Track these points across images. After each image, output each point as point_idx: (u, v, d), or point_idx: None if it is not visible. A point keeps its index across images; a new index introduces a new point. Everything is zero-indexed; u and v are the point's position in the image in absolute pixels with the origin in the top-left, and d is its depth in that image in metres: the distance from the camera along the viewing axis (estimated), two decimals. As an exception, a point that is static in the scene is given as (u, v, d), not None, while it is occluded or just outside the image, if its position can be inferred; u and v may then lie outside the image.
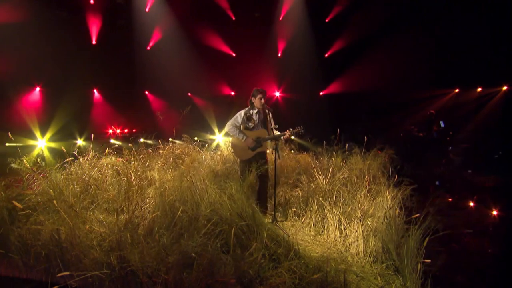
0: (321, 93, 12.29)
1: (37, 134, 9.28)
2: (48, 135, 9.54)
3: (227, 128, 4.36)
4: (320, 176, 4.15)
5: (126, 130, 11.99)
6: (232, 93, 13.03)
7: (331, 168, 4.17)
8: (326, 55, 11.89)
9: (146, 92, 12.54)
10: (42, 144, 8.97)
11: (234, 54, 12.53)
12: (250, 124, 4.33)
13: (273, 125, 4.44)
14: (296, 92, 12.22)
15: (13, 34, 8.86)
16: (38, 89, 10.42)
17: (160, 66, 11.68)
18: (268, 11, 11.67)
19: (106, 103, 11.65)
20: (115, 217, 3.15)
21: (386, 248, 3.07)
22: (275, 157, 4.03)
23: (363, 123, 10.30)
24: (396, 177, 4.36)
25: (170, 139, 6.29)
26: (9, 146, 8.62)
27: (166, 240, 2.76)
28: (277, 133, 4.27)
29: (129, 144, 6.01)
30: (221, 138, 8.14)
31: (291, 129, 4.19)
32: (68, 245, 2.71)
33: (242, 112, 4.38)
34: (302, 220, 3.95)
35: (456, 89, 10.81)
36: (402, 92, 9.89)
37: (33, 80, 10.26)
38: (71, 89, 10.45)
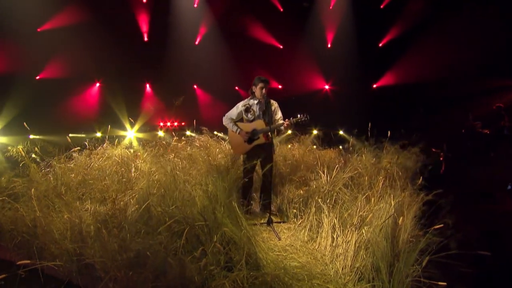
0: (374, 86, 11.26)
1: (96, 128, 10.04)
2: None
3: (223, 120, 4.13)
4: (323, 175, 3.68)
5: (175, 123, 12.48)
6: (280, 86, 12.67)
7: (336, 166, 3.66)
8: (380, 45, 10.82)
9: (195, 86, 12.86)
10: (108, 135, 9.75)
11: (281, 46, 12.15)
12: (249, 115, 4.04)
13: (278, 116, 4.09)
14: (347, 85, 11.34)
15: (76, 35, 9.76)
16: (98, 84, 11.41)
17: (207, 61, 11.87)
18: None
19: (156, 97, 12.24)
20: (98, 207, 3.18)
21: (376, 265, 2.55)
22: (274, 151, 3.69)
23: (420, 118, 9.16)
24: (421, 179, 3.69)
25: (188, 132, 6.27)
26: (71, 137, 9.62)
27: (128, 236, 2.65)
28: (280, 122, 3.94)
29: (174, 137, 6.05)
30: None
31: (292, 118, 3.81)
32: (40, 233, 2.77)
33: (240, 103, 4.10)
34: (299, 223, 3.56)
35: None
36: (465, 83, 8.49)
37: (93, 76, 11.27)
38: (126, 84, 11.27)
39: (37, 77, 10.04)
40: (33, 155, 3.74)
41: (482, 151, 7.26)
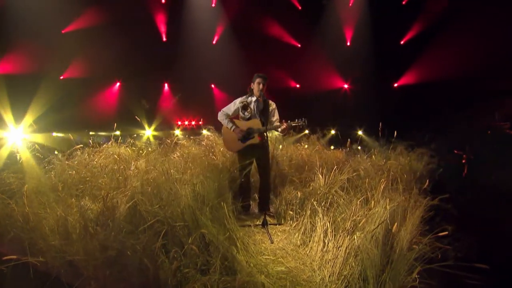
0: (395, 85, 10.79)
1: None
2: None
3: (219, 115, 4.04)
4: (321, 176, 3.52)
5: (193, 122, 12.59)
6: (297, 85, 12.46)
7: (334, 168, 3.49)
8: (401, 42, 10.35)
9: (212, 86, 12.91)
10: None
11: (299, 45, 11.94)
12: (246, 113, 3.93)
13: (275, 118, 3.97)
14: (367, 83, 10.93)
15: (97, 36, 10.07)
16: (118, 84, 11.72)
17: (224, 60, 11.85)
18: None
19: (173, 96, 12.41)
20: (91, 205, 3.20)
21: (364, 275, 2.38)
22: (267, 151, 3.58)
23: (444, 118, 8.65)
24: (427, 182, 3.44)
25: (204, 131, 6.25)
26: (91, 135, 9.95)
27: (112, 235, 2.64)
28: (276, 124, 3.82)
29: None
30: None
31: (289, 121, 3.69)
32: (28, 229, 2.82)
33: (238, 100, 4.01)
34: (293, 226, 3.42)
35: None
36: (492, 81, 7.91)
37: (114, 76, 11.58)
38: (145, 83, 11.52)
39: (61, 77, 10.44)
40: (37, 153, 3.83)
41: (509, 154, 6.75)
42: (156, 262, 2.24)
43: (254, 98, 3.91)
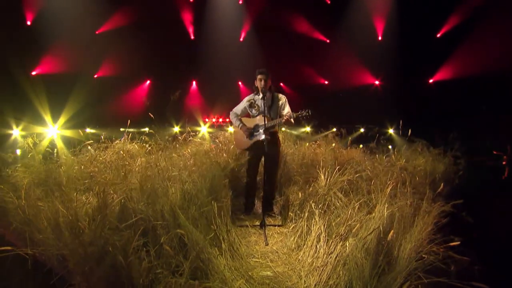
0: (430, 81, 10.02)
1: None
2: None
3: (230, 115, 4.02)
4: (323, 177, 3.31)
5: (220, 119, 12.67)
6: (326, 82, 12.06)
7: (337, 168, 3.25)
8: (438, 35, 9.58)
9: (240, 83, 12.89)
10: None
11: (328, 40, 11.54)
12: (254, 111, 3.88)
13: (286, 111, 3.82)
14: (399, 80, 10.25)
15: (127, 36, 10.44)
16: (148, 82, 12.08)
17: (251, 57, 11.77)
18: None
19: (200, 94, 12.56)
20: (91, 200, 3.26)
21: (349, 286, 2.17)
22: (266, 148, 3.44)
23: (483, 116, 7.91)
24: (442, 186, 3.11)
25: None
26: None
27: (99, 231, 2.65)
28: (279, 118, 3.70)
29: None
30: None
31: (292, 112, 3.57)
32: (25, 221, 2.92)
33: (246, 98, 3.95)
34: (291, 228, 3.25)
35: None
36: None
37: (144, 74, 11.96)
38: (175, 81, 11.77)
39: (95, 76, 10.96)
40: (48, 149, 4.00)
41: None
42: (129, 260, 2.20)
43: (261, 95, 3.80)
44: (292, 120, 3.59)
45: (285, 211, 3.68)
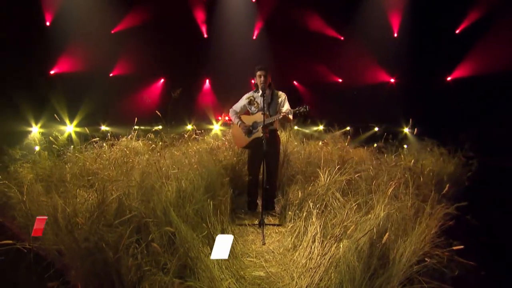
0: (448, 78, 9.65)
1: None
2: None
3: (229, 113, 3.99)
4: (322, 176, 3.23)
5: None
6: (339, 80, 11.85)
7: (337, 168, 3.16)
8: (457, 31, 9.20)
9: (253, 81, 12.83)
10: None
11: (342, 38, 11.32)
12: (253, 108, 3.84)
13: (285, 109, 3.75)
14: (416, 77, 9.90)
15: (142, 35, 10.60)
16: (162, 80, 12.23)
17: (265, 55, 11.70)
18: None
19: (214, 92, 12.60)
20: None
21: (340, 288, 2.10)
22: (264, 146, 3.39)
23: (501, 115, 7.55)
24: (447, 188, 2.98)
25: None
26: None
27: (94, 227, 2.68)
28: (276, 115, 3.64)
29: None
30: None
31: (290, 108, 3.51)
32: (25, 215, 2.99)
33: (245, 96, 3.91)
34: (289, 228, 3.19)
35: None
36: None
37: (158, 73, 12.10)
38: (189, 80, 11.86)
39: (111, 74, 11.18)
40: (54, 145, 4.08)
41: None
42: (117, 256, 2.21)
43: (260, 93, 3.75)
44: (290, 116, 3.53)
45: (285, 210, 3.62)
